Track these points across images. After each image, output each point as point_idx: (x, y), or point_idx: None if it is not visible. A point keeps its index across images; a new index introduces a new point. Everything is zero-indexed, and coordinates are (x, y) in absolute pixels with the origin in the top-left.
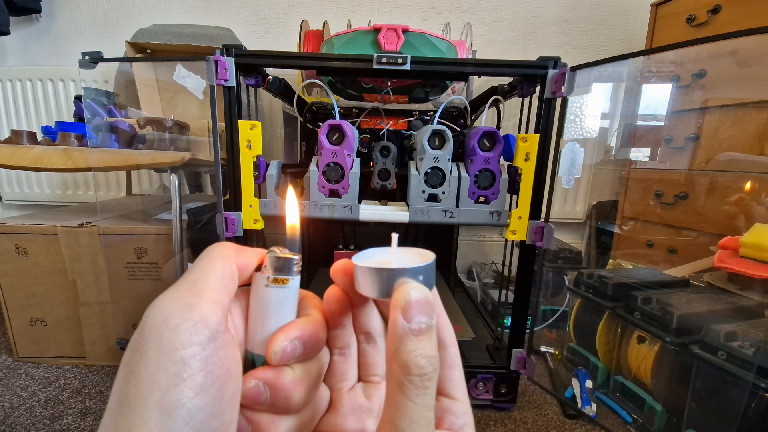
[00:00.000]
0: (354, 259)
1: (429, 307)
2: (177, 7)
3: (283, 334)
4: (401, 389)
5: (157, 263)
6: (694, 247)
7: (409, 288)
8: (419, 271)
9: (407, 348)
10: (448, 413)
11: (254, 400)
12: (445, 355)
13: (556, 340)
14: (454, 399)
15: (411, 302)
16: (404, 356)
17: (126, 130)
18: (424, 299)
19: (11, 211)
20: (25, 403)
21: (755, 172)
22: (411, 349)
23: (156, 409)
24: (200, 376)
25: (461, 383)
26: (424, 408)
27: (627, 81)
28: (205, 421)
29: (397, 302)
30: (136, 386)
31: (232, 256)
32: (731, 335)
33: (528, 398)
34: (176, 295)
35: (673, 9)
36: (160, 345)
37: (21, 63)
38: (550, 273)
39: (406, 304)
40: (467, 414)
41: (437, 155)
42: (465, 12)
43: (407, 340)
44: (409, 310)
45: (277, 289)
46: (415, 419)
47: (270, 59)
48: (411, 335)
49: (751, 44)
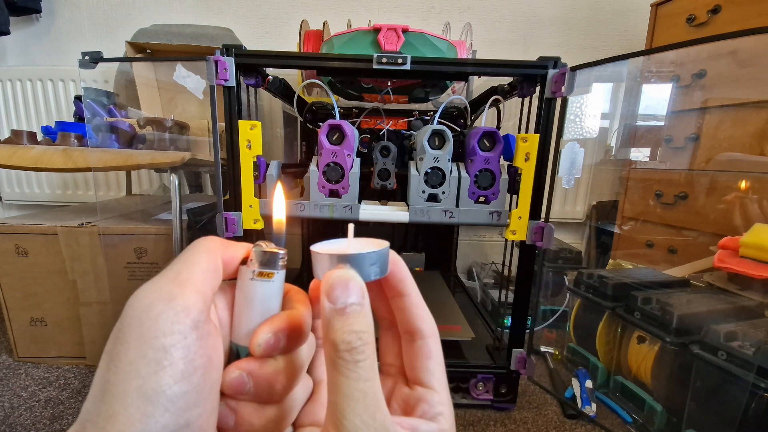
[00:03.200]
0: (313, 246)
1: (353, 287)
2: (177, 7)
3: (267, 327)
4: (334, 367)
5: (157, 263)
6: (694, 247)
7: (332, 273)
8: (349, 259)
9: (334, 327)
10: (422, 402)
11: (238, 390)
12: (422, 345)
13: (556, 340)
14: (429, 388)
15: (333, 284)
16: (332, 335)
17: (126, 130)
18: (344, 279)
19: (11, 211)
20: (25, 403)
21: (755, 172)
22: (337, 328)
23: (136, 396)
24: (181, 364)
25: (439, 373)
26: (356, 381)
27: (627, 81)
28: (186, 408)
29: (323, 288)
30: (117, 373)
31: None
32: (731, 335)
33: (528, 398)
34: (158, 285)
35: (673, 9)
36: (141, 333)
37: (21, 63)
38: (550, 273)
39: (329, 287)
40: (443, 404)
41: (437, 155)
42: (465, 12)
43: (333, 320)
44: (332, 293)
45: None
46: (349, 393)
47: (270, 59)
48: (336, 315)
49: (751, 44)
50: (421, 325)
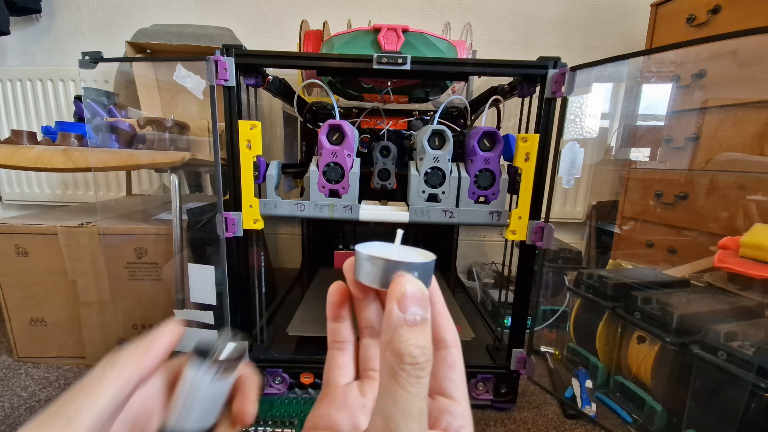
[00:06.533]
0: (357, 246)
1: (424, 300)
2: (177, 7)
3: None
4: (395, 377)
5: (157, 263)
6: (694, 247)
7: (406, 280)
8: (417, 267)
9: (401, 337)
10: (446, 413)
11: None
12: (446, 355)
13: (556, 340)
14: (452, 399)
15: (407, 294)
16: (398, 345)
17: (126, 130)
18: (419, 292)
19: (11, 211)
20: (26, 403)
21: (755, 172)
22: (404, 339)
23: None
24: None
25: (461, 384)
26: (416, 397)
27: (627, 81)
28: None
29: (394, 293)
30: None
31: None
32: (731, 335)
33: (528, 398)
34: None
35: (673, 9)
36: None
37: (21, 63)
38: (550, 273)
39: (402, 296)
40: (465, 416)
41: (437, 155)
42: (465, 12)
43: (401, 329)
44: (404, 301)
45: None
46: (407, 408)
47: (270, 59)
48: (405, 325)
49: (751, 44)
50: (446, 334)
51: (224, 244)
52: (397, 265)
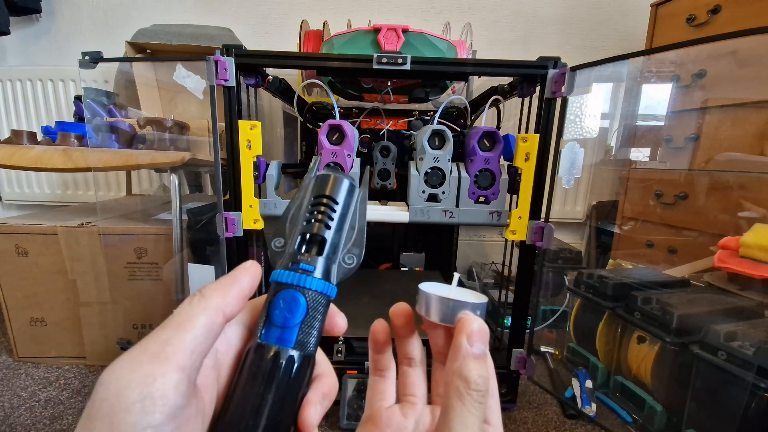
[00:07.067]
0: (422, 286)
1: (487, 337)
2: (177, 7)
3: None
4: (461, 399)
5: (157, 263)
6: (694, 247)
7: (473, 319)
8: (479, 307)
9: (469, 366)
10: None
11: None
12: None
13: (556, 340)
14: (489, 425)
15: (474, 331)
16: (467, 372)
17: (126, 130)
18: (484, 330)
19: (11, 211)
20: (25, 403)
21: (755, 172)
22: (472, 368)
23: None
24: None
25: (497, 411)
26: (477, 418)
27: (627, 81)
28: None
29: (463, 329)
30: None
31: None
32: (731, 335)
33: (528, 398)
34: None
35: (673, 9)
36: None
37: (21, 63)
38: (550, 273)
39: (471, 332)
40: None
41: (437, 155)
42: (465, 12)
43: (469, 360)
44: (472, 337)
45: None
46: (469, 425)
47: (270, 59)
48: (473, 357)
49: (751, 44)
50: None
51: (224, 244)
52: (464, 304)
